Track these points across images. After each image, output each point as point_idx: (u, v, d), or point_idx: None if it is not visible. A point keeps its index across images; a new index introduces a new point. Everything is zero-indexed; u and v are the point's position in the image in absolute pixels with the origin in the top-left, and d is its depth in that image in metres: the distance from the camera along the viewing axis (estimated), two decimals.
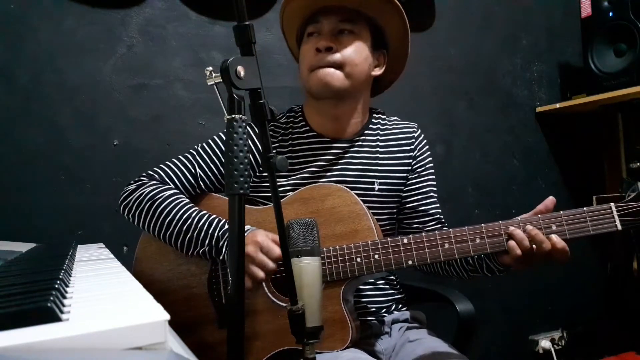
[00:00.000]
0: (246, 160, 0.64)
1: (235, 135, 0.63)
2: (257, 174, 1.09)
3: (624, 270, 1.88)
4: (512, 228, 0.91)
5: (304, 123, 1.12)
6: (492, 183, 2.01)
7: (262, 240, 0.93)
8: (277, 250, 0.93)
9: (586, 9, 1.95)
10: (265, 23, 1.66)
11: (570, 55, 2.16)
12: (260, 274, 0.93)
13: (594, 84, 1.88)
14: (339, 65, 1.02)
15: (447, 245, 0.94)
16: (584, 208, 0.91)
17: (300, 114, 1.14)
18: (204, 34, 1.59)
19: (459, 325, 1.13)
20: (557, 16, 2.16)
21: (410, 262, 0.95)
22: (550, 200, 0.94)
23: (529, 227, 0.91)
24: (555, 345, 1.99)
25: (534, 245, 0.89)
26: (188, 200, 1.04)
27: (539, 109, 2.09)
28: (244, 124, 0.64)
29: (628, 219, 0.90)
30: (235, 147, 0.63)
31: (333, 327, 0.94)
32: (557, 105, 2.02)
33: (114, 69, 1.48)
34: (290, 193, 1.04)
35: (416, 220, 1.12)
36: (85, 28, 1.45)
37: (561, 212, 0.92)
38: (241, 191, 0.63)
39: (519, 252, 0.90)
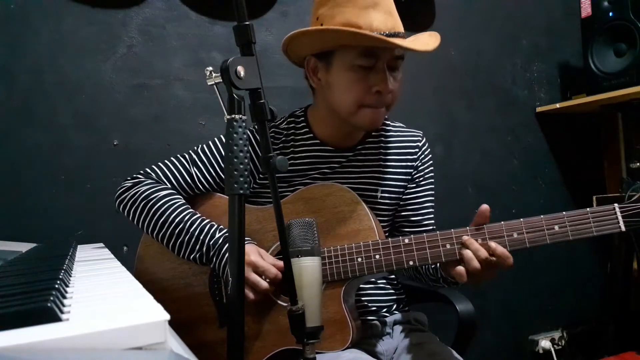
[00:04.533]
0: (246, 160, 0.64)
1: (235, 135, 0.63)
2: (258, 180, 1.09)
3: (624, 270, 1.88)
4: (463, 250, 0.90)
5: (307, 130, 1.10)
6: (492, 183, 2.01)
7: (256, 261, 0.93)
8: (272, 271, 0.92)
9: (586, 9, 1.95)
10: (265, 23, 1.66)
11: (571, 55, 2.16)
12: (250, 295, 0.93)
13: (594, 84, 1.88)
14: (389, 105, 1.02)
15: (448, 246, 0.93)
16: (587, 209, 0.90)
17: (302, 119, 1.11)
18: (204, 34, 1.59)
19: (459, 325, 1.13)
20: (557, 16, 2.16)
21: (411, 263, 0.94)
22: (485, 208, 0.92)
23: (465, 237, 0.90)
24: (555, 345, 1.99)
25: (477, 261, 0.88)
26: (183, 202, 1.03)
27: (539, 109, 2.09)
28: (244, 124, 0.64)
29: (632, 219, 0.88)
30: (235, 147, 0.63)
31: (333, 327, 0.93)
32: (557, 105, 2.02)
33: (114, 69, 1.48)
34: (289, 192, 1.04)
35: (407, 230, 1.12)
36: (85, 28, 1.45)
37: (564, 212, 0.91)
38: (241, 191, 0.63)
39: (465, 277, 0.89)
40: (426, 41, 1.01)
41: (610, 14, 1.85)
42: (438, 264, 1.00)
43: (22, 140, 1.37)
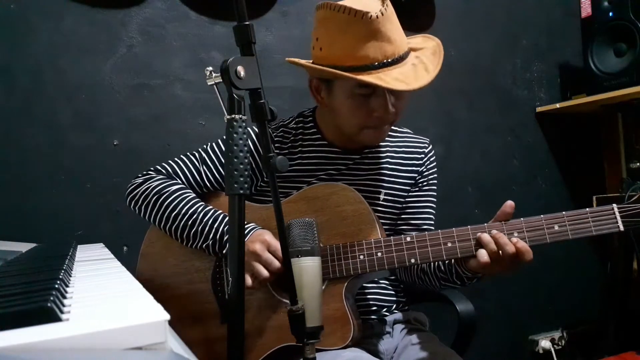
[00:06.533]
0: (246, 160, 0.64)
1: (235, 135, 0.63)
2: (265, 179, 1.09)
3: (624, 270, 1.88)
4: (479, 233, 0.92)
5: (315, 130, 1.11)
6: (492, 183, 2.01)
7: (270, 240, 0.93)
8: (275, 264, 0.92)
9: (586, 9, 1.95)
10: (265, 23, 1.66)
11: (571, 55, 2.16)
12: (265, 272, 0.92)
13: (594, 84, 1.88)
14: (392, 121, 1.04)
15: (449, 244, 0.94)
16: (587, 209, 0.92)
17: (311, 119, 1.12)
18: (204, 34, 1.59)
19: (459, 325, 1.13)
20: (557, 16, 2.16)
21: (412, 260, 0.95)
22: (509, 205, 0.93)
23: (494, 231, 0.91)
24: (555, 345, 1.99)
25: (500, 251, 0.89)
26: (194, 195, 1.04)
27: (539, 109, 2.09)
28: (244, 124, 0.64)
29: (630, 220, 0.90)
30: (235, 147, 0.63)
31: (335, 325, 0.94)
32: (557, 105, 2.02)
33: (114, 69, 1.48)
34: (295, 192, 1.05)
35: (407, 233, 1.12)
36: (85, 28, 1.45)
37: (563, 212, 0.92)
38: (241, 191, 0.63)
39: (486, 258, 0.89)
40: (426, 65, 1.01)
41: (611, 14, 1.85)
42: (453, 260, 0.99)
43: (22, 140, 1.37)
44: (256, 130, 1.04)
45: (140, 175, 1.09)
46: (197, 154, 1.09)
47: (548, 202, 2.07)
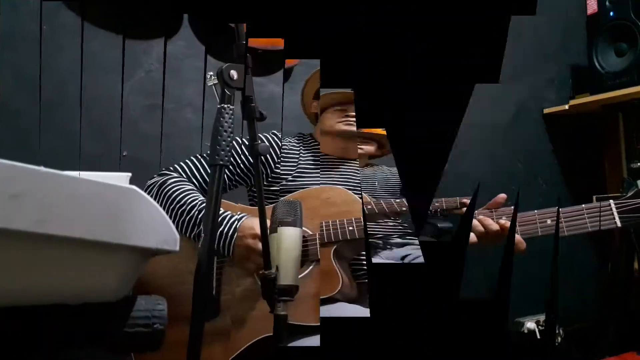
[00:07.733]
0: (229, 139, 0.76)
1: (222, 119, 0.77)
2: (267, 180, 1.18)
3: (624, 270, 1.86)
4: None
5: (314, 141, 1.25)
6: (492, 183, 2.01)
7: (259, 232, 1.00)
8: None
9: (592, 5, 1.93)
10: (275, 80, 1.70)
11: (576, 54, 2.14)
12: (259, 260, 0.98)
13: (597, 83, 1.87)
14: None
15: None
16: (583, 205, 0.92)
17: (309, 135, 1.28)
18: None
19: None
20: (562, 15, 2.15)
21: None
22: (501, 197, 1.00)
23: (480, 216, 0.98)
24: (539, 327, 1.98)
25: (486, 231, 0.97)
26: (199, 195, 1.12)
27: (542, 109, 2.09)
28: (230, 112, 0.77)
29: (627, 215, 0.90)
30: (221, 128, 0.76)
31: (324, 278, 1.00)
32: (559, 106, 2.02)
33: (132, 89, 1.60)
34: (289, 194, 1.12)
35: None
36: (109, 51, 1.56)
37: (560, 209, 0.94)
38: (221, 162, 0.74)
39: (474, 239, 0.97)
40: None
41: (611, 13, 1.84)
42: None
43: (41, 144, 1.50)
44: (245, 141, 1.15)
45: (155, 175, 1.18)
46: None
47: (548, 202, 2.05)
